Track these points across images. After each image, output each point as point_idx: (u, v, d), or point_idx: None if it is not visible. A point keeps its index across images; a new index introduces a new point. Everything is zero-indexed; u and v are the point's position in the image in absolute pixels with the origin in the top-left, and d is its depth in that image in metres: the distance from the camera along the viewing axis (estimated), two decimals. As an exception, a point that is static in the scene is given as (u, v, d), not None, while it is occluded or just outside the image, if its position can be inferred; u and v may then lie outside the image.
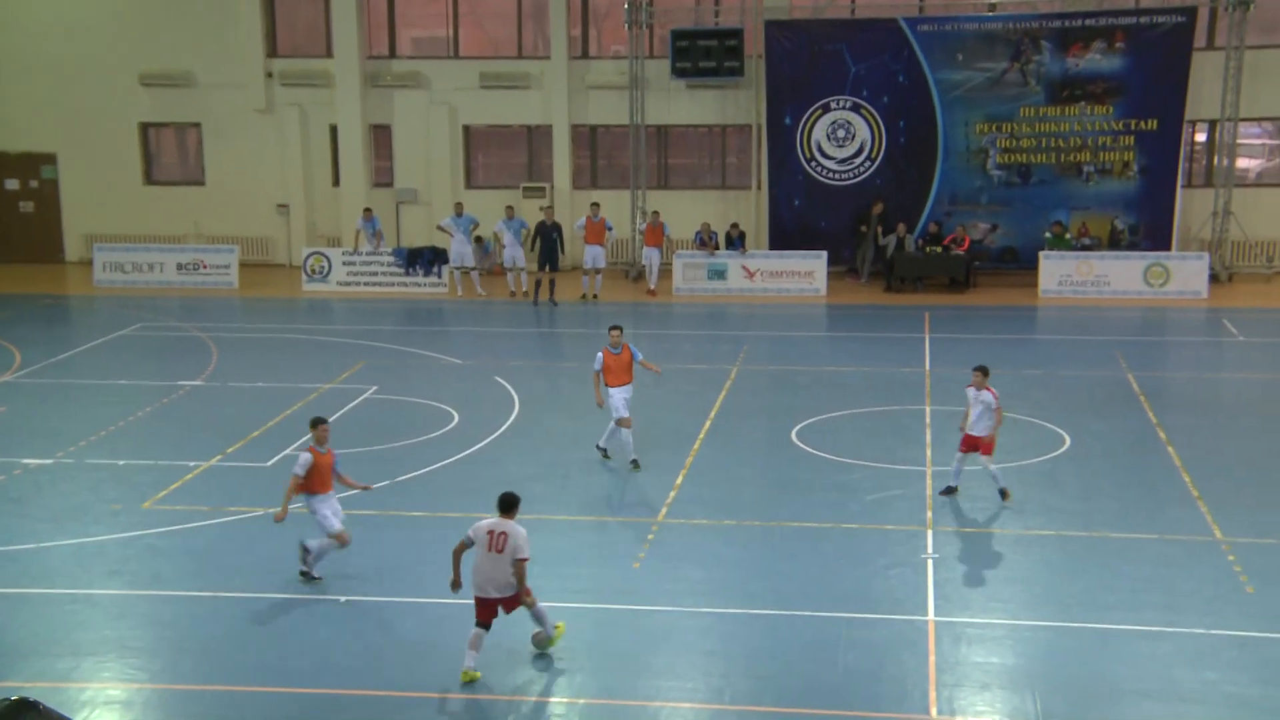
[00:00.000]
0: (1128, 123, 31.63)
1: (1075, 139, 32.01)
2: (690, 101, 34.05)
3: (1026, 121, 32.10)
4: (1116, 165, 31.95)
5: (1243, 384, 23.46)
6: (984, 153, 32.43)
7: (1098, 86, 31.65)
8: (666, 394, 23.07)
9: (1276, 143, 33.61)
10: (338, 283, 32.53)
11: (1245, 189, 32.69)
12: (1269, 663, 12.54)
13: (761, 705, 12.02)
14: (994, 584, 14.65)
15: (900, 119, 32.58)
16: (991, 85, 32.00)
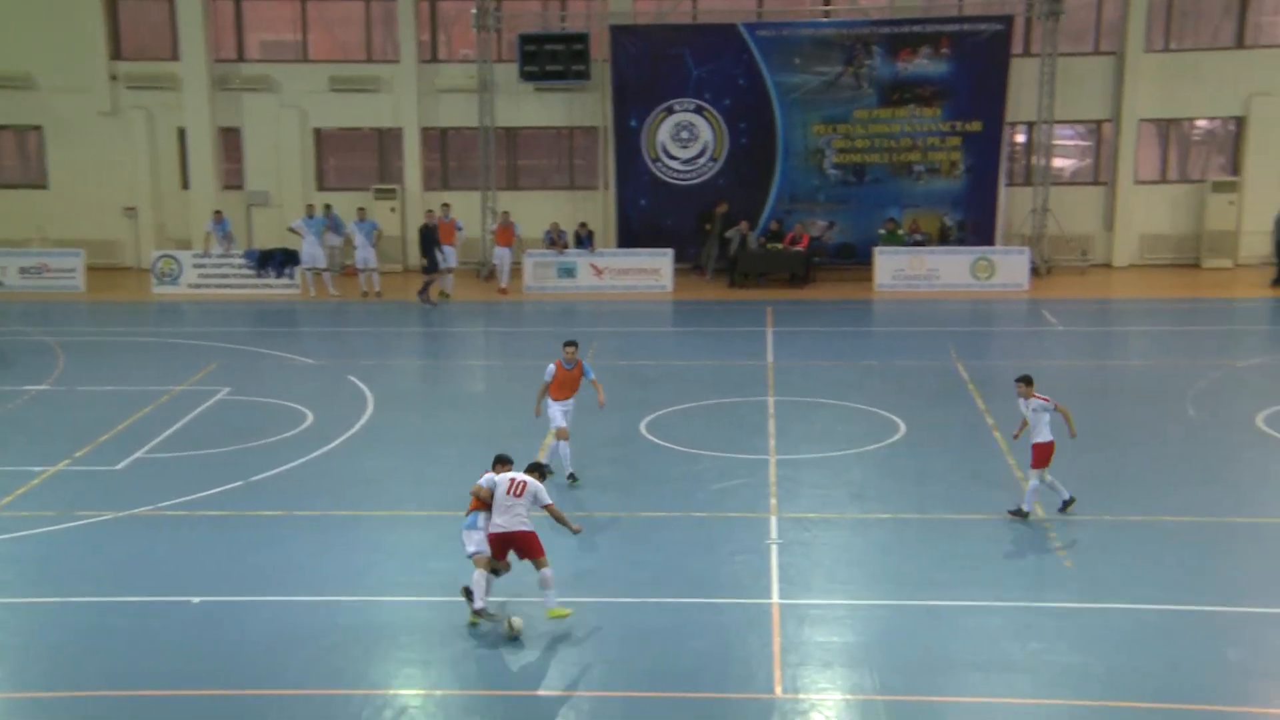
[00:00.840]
0: (954, 124, 33.06)
1: (906, 140, 33.32)
2: (538, 104, 34.49)
3: (860, 123, 33.31)
4: (944, 165, 33.35)
5: (1062, 371, 24.72)
6: (821, 153, 33.54)
7: (925, 90, 33.00)
8: (519, 390, 23.45)
9: (1088, 144, 35.42)
10: (188, 285, 32.21)
11: (1061, 187, 34.38)
12: (1086, 632, 13.42)
13: (613, 690, 12.46)
14: (834, 567, 15.36)
15: (741, 121, 33.50)
16: (827, 88, 33.12)
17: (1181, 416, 20.90)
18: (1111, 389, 23.38)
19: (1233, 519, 16.43)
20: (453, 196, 34.17)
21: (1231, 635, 13.33)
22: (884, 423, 20.63)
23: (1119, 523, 16.37)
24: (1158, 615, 13.80)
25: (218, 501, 17.47)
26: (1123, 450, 19.40)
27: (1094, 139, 35.03)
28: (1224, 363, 24.14)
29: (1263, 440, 19.48)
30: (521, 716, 12.04)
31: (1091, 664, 12.74)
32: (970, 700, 12.14)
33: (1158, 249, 34.34)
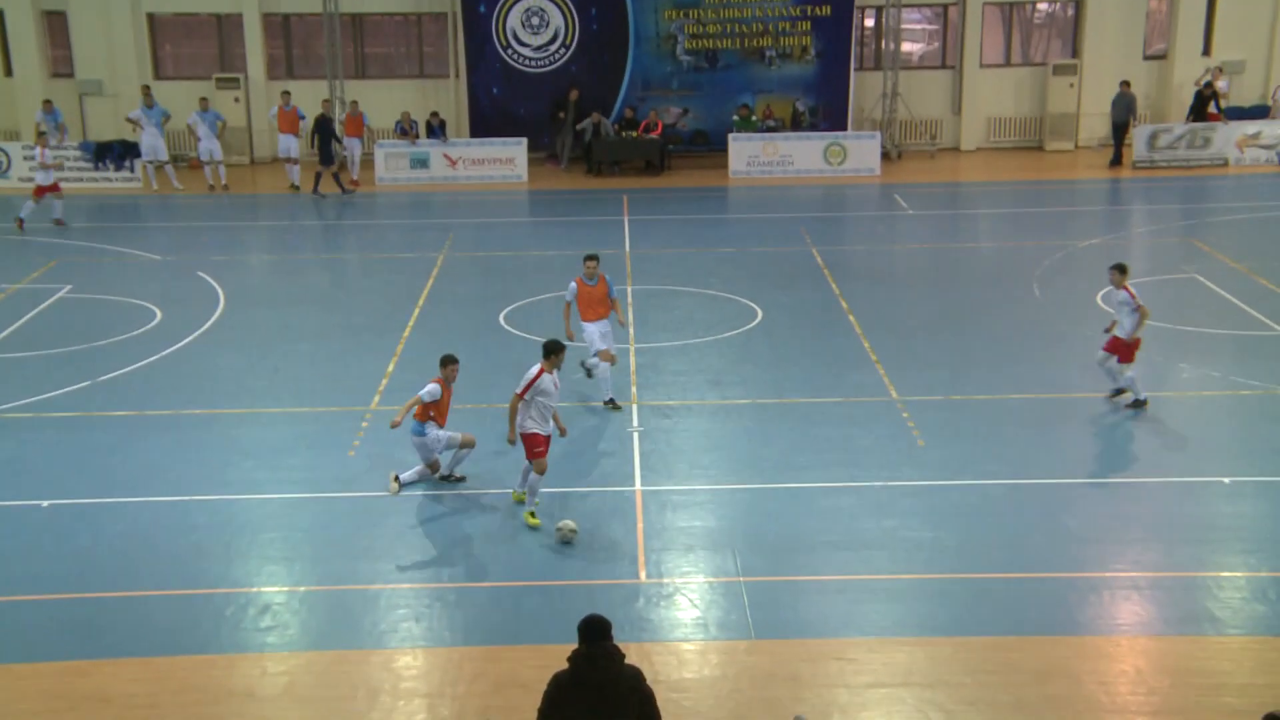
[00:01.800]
0: (804, 9, 33.07)
1: (757, 25, 33.26)
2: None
3: (712, 8, 33.12)
4: (795, 50, 33.41)
5: (912, 254, 25.27)
6: (673, 39, 33.32)
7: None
8: (374, 283, 23.19)
9: (935, 28, 35.79)
10: (19, 179, 30.84)
11: (910, 71, 34.76)
12: (937, 508, 13.90)
13: (479, 581, 12.60)
14: (695, 453, 15.60)
15: (592, 6, 33.05)
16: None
17: (1027, 297, 21.52)
18: (960, 271, 23.93)
19: (1071, 394, 17.05)
20: (298, 86, 33.19)
21: (1069, 505, 13.91)
22: (741, 309, 20.86)
23: (967, 401, 16.88)
24: (1003, 489, 14.33)
25: (64, 402, 17.02)
26: (971, 331, 19.93)
27: (941, 23, 35.39)
28: (1066, 243, 24.86)
29: (1102, 317, 20.14)
30: (385, 609, 12.07)
31: (943, 538, 13.21)
32: (829, 578, 12.51)
33: (1003, 132, 35.04)
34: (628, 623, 11.58)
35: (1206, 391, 17.13)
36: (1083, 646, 11.26)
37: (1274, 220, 26.70)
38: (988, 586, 12.29)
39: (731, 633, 11.60)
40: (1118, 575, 12.39)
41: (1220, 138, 31.88)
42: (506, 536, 13.44)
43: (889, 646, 11.31)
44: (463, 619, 11.95)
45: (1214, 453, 15.27)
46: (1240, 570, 12.49)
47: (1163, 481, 14.44)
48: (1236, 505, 13.86)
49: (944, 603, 12.03)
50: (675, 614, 11.97)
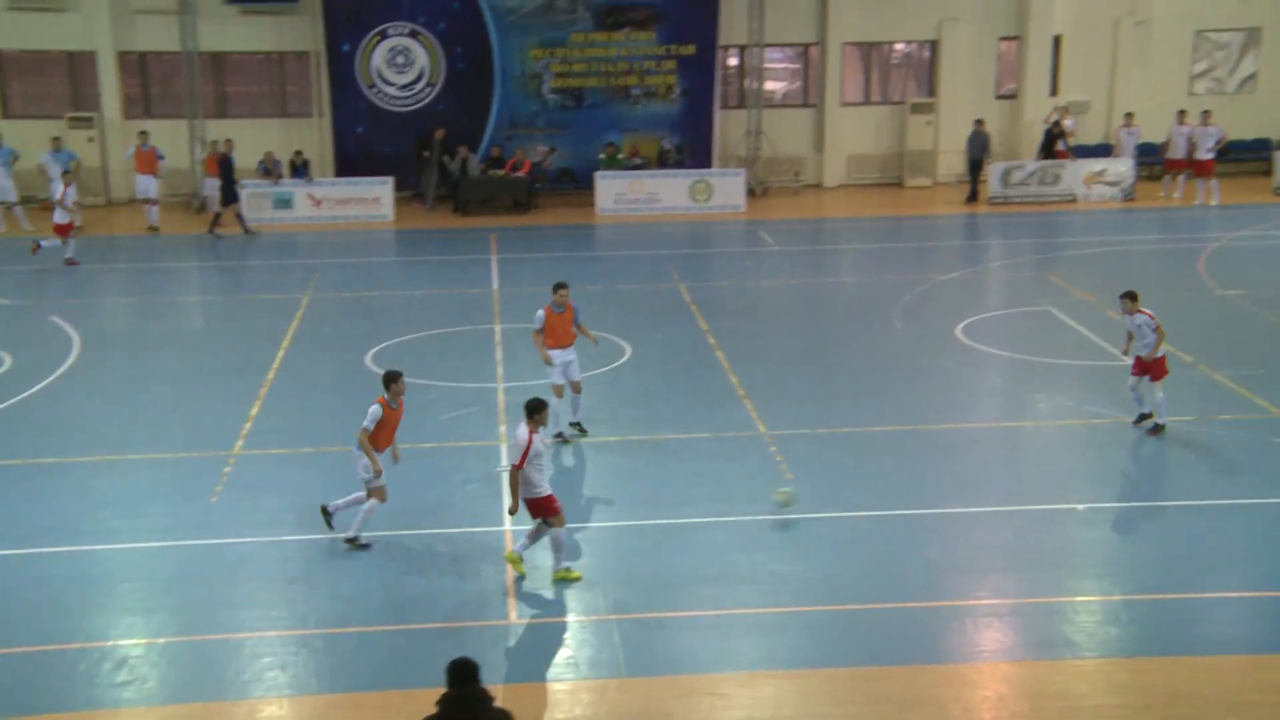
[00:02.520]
0: (668, 48, 33.52)
1: (623, 64, 33.60)
2: (246, 28, 33.13)
3: (578, 47, 33.37)
4: (661, 88, 33.80)
5: (778, 290, 25.63)
6: (539, 77, 33.47)
7: (640, 13, 33.32)
8: (237, 326, 22.83)
9: (797, 67, 36.51)
10: None
11: (773, 109, 35.35)
12: (805, 541, 14.04)
13: (347, 626, 12.36)
14: (565, 490, 15.38)
15: (457, 45, 33.08)
16: (543, 12, 33.03)
17: (889, 330, 21.94)
18: (825, 306, 24.33)
19: (934, 426, 17.40)
20: (157, 125, 32.59)
21: (933, 535, 14.17)
22: (610, 346, 20.91)
23: (833, 434, 17.13)
24: (869, 520, 14.55)
25: (-90, 455, 16.42)
26: (836, 365, 20.26)
27: (802, 62, 36.09)
28: (926, 277, 25.43)
29: (961, 349, 20.67)
30: (249, 658, 11.81)
31: (810, 570, 13.35)
32: (700, 613, 12.55)
33: (864, 169, 35.79)
34: (497, 664, 11.50)
35: (1061, 421, 17.61)
36: (947, 674, 11.45)
37: (1121, 254, 27.65)
38: (854, 617, 12.45)
39: (603, 671, 11.57)
40: (979, 603, 12.65)
41: (1069, 175, 32.96)
42: (374, 580, 13.25)
43: (758, 680, 11.38)
44: (329, 665, 11.73)
45: (1069, 481, 15.69)
46: (1094, 595, 12.84)
47: (1021, 510, 14.79)
48: (1091, 531, 14.26)
49: (812, 635, 12.15)
50: (546, 654, 11.91)
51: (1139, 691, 11.09)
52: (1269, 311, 21.94)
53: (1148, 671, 11.37)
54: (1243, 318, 22.09)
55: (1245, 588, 13.01)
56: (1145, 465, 15.95)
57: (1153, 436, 16.69)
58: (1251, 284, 24.01)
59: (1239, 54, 36.15)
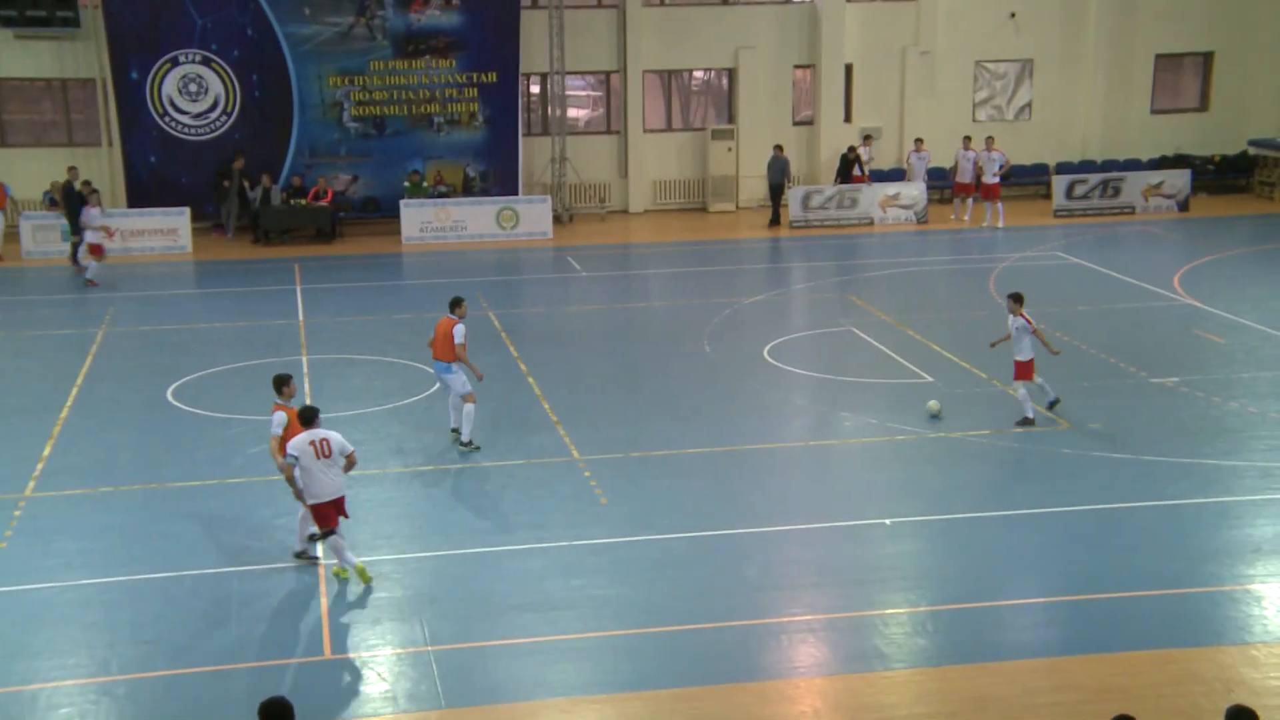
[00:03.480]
0: (470, 75, 33.46)
1: (424, 91, 33.41)
2: (24, 54, 31.85)
3: (377, 75, 33.06)
4: (464, 116, 33.72)
5: (588, 315, 25.75)
6: (339, 105, 33.04)
7: (440, 41, 33.20)
8: (25, 363, 21.88)
9: (599, 94, 36.86)
10: None
11: (577, 136, 35.62)
12: (622, 564, 14.14)
13: (152, 670, 11.97)
14: (378, 522, 15.33)
15: (253, 73, 32.42)
16: (341, 39, 32.66)
17: (699, 353, 22.25)
18: (634, 330, 24.54)
19: (745, 446, 17.72)
20: (-69, 155, 31.09)
21: (748, 554, 14.42)
22: (420, 375, 20.72)
23: (647, 458, 17.29)
24: (684, 542, 14.71)
25: None
26: (648, 389, 20.46)
27: (604, 89, 36.44)
28: (732, 300, 25.89)
29: (769, 370, 21.10)
30: (45, 709, 11.31)
31: (628, 594, 13.45)
32: (518, 641, 12.50)
33: (668, 194, 36.28)
34: (314, 701, 11.24)
35: (866, 438, 18.12)
36: (765, 691, 11.65)
37: (916, 275, 28.62)
38: (673, 639, 12.57)
39: (422, 703, 11.44)
40: (794, 619, 12.91)
41: (865, 199, 33.98)
42: (180, 622, 12.83)
43: (580, 706, 11.40)
44: (134, 712, 11.33)
45: (875, 496, 16.15)
46: (903, 607, 13.23)
47: (831, 526, 15.15)
48: (897, 545, 14.69)
49: (632, 658, 12.23)
50: (363, 688, 11.73)
51: (946, 698, 11.47)
52: (1055, 328, 22.96)
53: (953, 679, 11.77)
54: (1031, 334, 23.08)
55: (1040, 594, 13.58)
56: (946, 479, 16.50)
57: (1021, 429, 17.91)
58: (1037, 303, 24.96)
59: (1015, 83, 37.90)
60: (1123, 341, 22.30)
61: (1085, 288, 26.55)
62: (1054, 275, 27.87)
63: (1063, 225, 33.51)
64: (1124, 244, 31.56)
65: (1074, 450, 17.25)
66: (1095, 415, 18.51)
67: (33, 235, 29.87)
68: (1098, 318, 24.04)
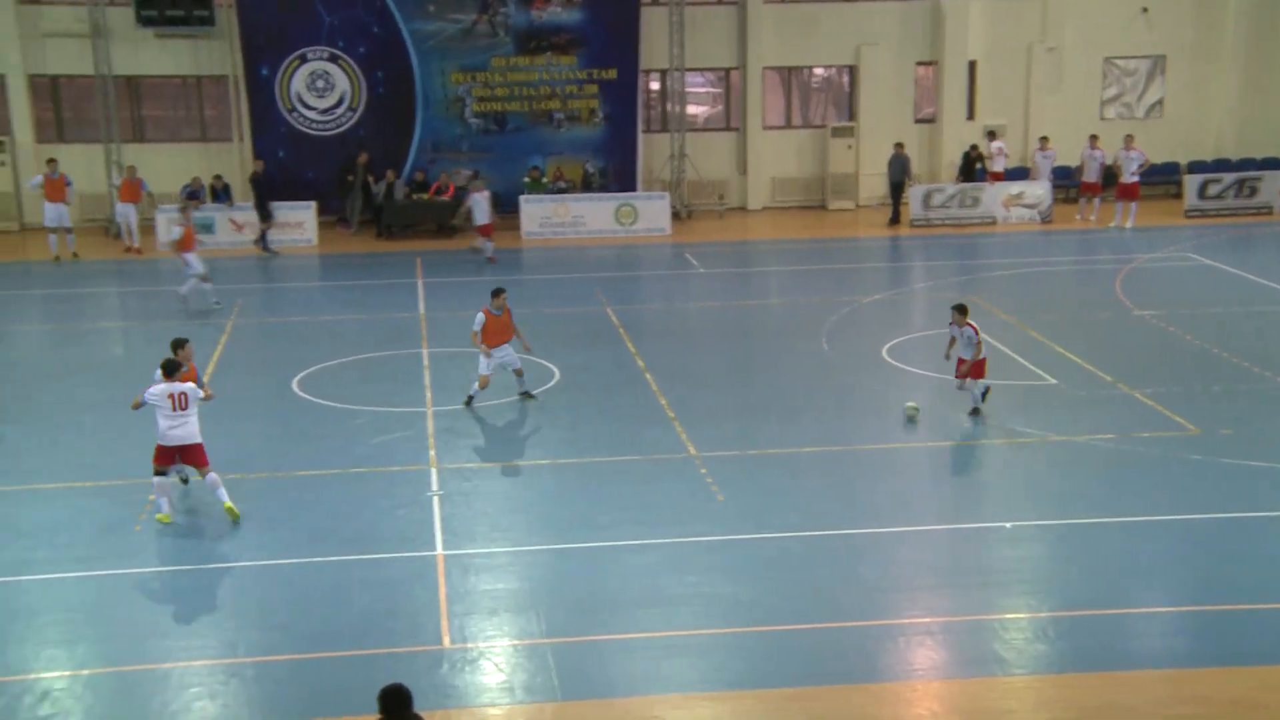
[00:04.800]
0: (590, 72, 33.64)
1: (545, 88, 33.67)
2: (161, 52, 32.77)
3: (499, 71, 33.39)
4: (583, 112, 33.90)
5: (705, 311, 25.75)
6: (461, 101, 33.44)
7: (561, 38, 33.43)
8: (159, 352, 22.44)
9: (719, 91, 36.81)
10: None
11: (696, 133, 35.61)
12: (736, 562, 14.08)
13: (278, 654, 12.21)
14: (496, 515, 15.51)
15: (378, 69, 32.97)
16: (464, 36, 33.04)
17: (816, 351, 22.11)
18: (752, 327, 24.48)
19: (863, 446, 17.57)
20: (71, 150, 32.13)
21: (863, 555, 14.27)
22: (538, 370, 20.89)
23: (763, 455, 17.21)
24: (799, 541, 14.62)
25: None
26: (764, 386, 20.37)
27: (724, 86, 36.38)
28: (851, 299, 25.68)
29: (888, 369, 20.89)
30: (176, 688, 11.61)
31: (741, 592, 13.38)
32: (633, 636, 12.53)
33: (787, 192, 36.10)
34: (432, 690, 11.38)
35: (986, 440, 17.85)
36: (881, 693, 11.54)
37: (1040, 275, 28.12)
38: (787, 638, 12.49)
39: (538, 695, 11.52)
40: (911, 621, 12.76)
41: (988, 197, 33.47)
42: (304, 607, 13.10)
43: (694, 702, 11.39)
44: (261, 694, 11.58)
45: (995, 499, 15.91)
46: (1023, 612, 13.00)
47: (949, 528, 14.96)
48: (1017, 549, 14.44)
49: (745, 656, 12.19)
50: (480, 679, 11.84)
51: (1068, 706, 11.24)
52: (1185, 331, 22.41)
53: (1076, 687, 11.53)
54: (1160, 337, 22.55)
55: (1166, 602, 13.24)
56: (1068, 483, 16.18)
57: (973, 418, 18.26)
58: (1166, 304, 24.52)
59: (1146, 80, 37.03)
60: (1256, 345, 21.66)
61: (1217, 290, 25.88)
62: (1184, 277, 27.19)
63: (1194, 226, 32.68)
64: (1260, 245, 30.68)
65: (1203, 456, 16.81)
66: (1225, 420, 18.01)
67: (168, 228, 30.65)
68: (1230, 320, 23.40)
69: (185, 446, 14.88)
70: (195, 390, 14.95)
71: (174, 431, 14.75)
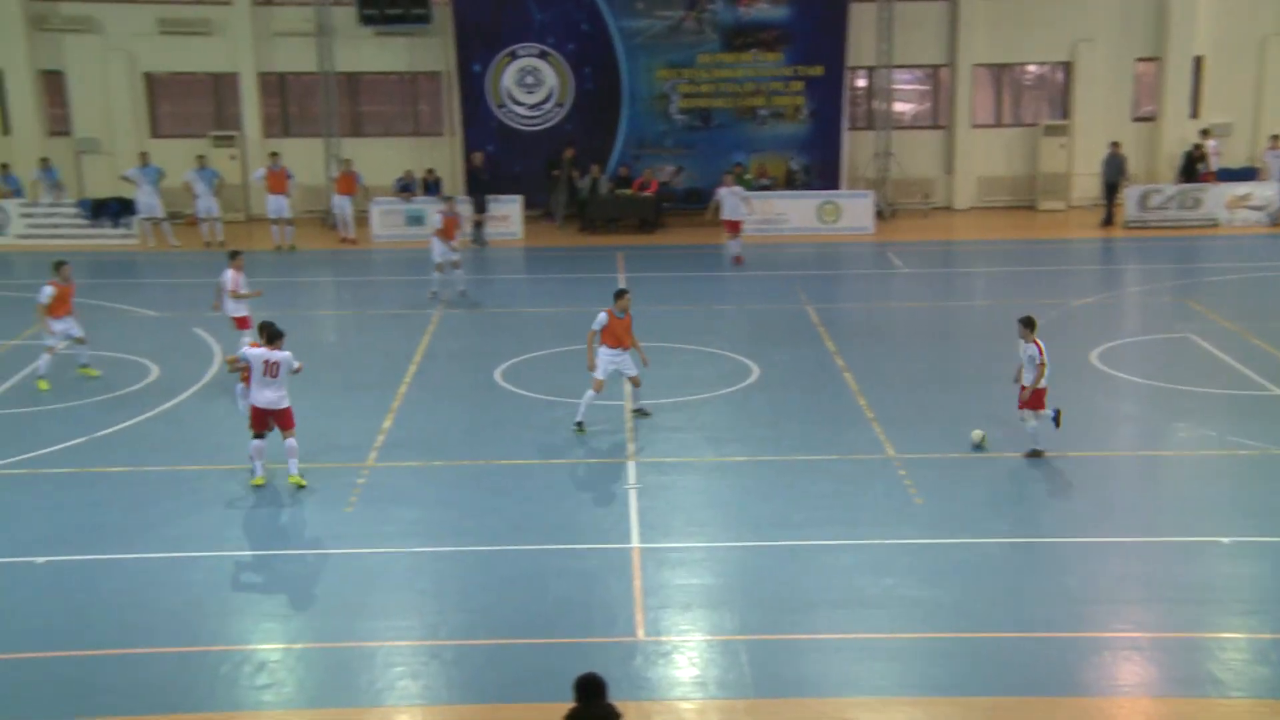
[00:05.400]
0: (796, 69, 33.45)
1: (750, 84, 33.61)
2: (380, 49, 33.86)
3: (705, 67, 33.47)
4: (788, 109, 33.74)
5: (908, 312, 25.36)
6: (666, 98, 33.63)
7: (767, 34, 33.32)
8: (370, 340, 23.24)
9: (926, 88, 36.16)
10: (17, 236, 30.96)
11: (902, 131, 35.06)
12: (935, 566, 13.84)
13: (476, 638, 12.47)
14: (692, 510, 15.57)
15: (585, 66, 33.40)
16: (670, 33, 33.21)
17: (1021, 355, 21.52)
18: (955, 329, 24.02)
19: (1070, 452, 17.03)
20: (294, 144, 33.46)
21: (1069, 565, 13.87)
22: (737, 366, 20.89)
23: (965, 459, 16.87)
24: (1001, 547, 14.29)
25: (61, 458, 16.97)
26: (967, 389, 19.94)
27: (932, 83, 35.75)
28: (1061, 301, 24.95)
29: (1097, 375, 20.24)
30: (382, 666, 11.97)
31: (941, 596, 13.14)
32: (828, 636, 12.44)
33: (995, 191, 35.29)
34: (625, 681, 11.49)
35: (1203, 451, 17.14)
36: (1085, 708, 11.19)
37: (1266, 281, 26.86)
38: (987, 646, 12.22)
39: (730, 691, 11.52)
40: (1118, 635, 12.34)
41: (1210, 199, 32.14)
42: (504, 593, 13.36)
43: (889, 707, 11.24)
44: (460, 676, 11.86)
45: (1212, 513, 15.25)
46: (1241, 632, 12.44)
47: (1162, 541, 14.41)
48: (1236, 566, 13.83)
49: (943, 662, 11.96)
50: (673, 672, 11.89)
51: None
52: None
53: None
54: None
55: (1400, 627, 12.52)
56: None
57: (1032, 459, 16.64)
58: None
59: (1397, 75, 34.96)
60: None
61: None
62: None
63: None
64: None
65: None
66: None
67: (380, 220, 31.70)
68: None
69: (276, 410, 15.85)
70: (290, 361, 15.83)
71: (264, 394, 15.73)
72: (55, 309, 19.70)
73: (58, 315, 19.76)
